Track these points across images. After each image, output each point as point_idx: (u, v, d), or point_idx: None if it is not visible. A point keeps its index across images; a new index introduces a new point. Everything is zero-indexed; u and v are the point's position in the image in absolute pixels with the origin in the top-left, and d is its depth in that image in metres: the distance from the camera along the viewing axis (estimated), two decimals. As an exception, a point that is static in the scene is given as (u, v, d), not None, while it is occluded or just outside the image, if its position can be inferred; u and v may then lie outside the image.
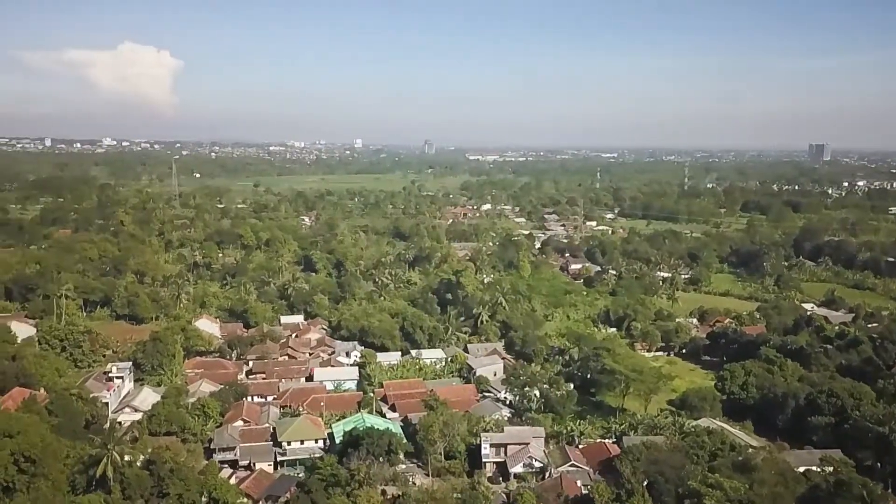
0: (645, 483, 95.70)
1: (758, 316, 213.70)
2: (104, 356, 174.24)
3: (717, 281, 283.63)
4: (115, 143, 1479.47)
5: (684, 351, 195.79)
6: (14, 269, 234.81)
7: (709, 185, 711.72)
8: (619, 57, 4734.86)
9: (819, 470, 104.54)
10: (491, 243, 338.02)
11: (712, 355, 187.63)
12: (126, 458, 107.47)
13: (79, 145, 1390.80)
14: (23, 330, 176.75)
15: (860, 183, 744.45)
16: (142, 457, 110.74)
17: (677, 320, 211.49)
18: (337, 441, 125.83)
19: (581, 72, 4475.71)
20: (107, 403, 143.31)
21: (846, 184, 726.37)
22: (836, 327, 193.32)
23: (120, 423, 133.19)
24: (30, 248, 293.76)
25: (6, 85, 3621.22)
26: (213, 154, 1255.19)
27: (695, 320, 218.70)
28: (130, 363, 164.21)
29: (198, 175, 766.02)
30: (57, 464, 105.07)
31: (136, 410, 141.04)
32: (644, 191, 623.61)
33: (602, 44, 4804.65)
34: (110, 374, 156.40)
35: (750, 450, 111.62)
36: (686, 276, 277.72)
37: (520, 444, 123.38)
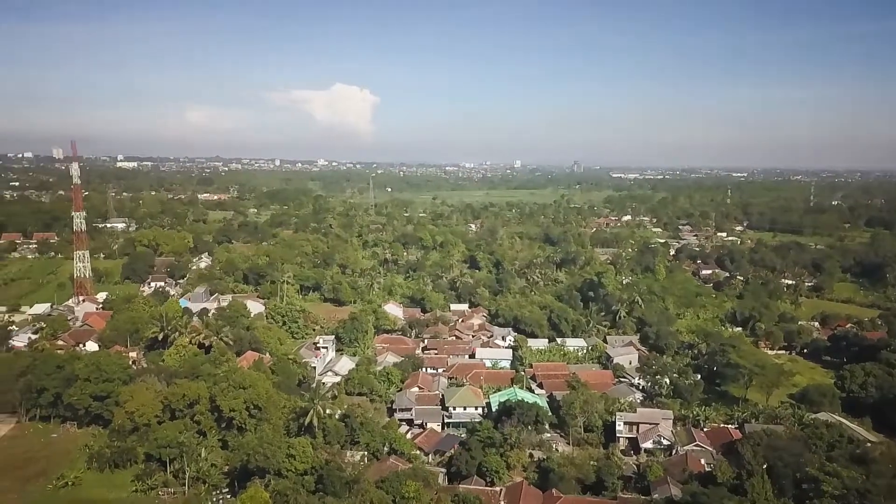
0: (764, 466, 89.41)
1: (879, 322, 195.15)
2: (314, 330, 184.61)
3: (840, 289, 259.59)
4: (326, 163, 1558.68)
5: (805, 351, 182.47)
6: (250, 260, 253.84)
7: (834, 203, 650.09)
8: (751, 88, 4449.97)
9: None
10: (630, 249, 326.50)
11: (833, 356, 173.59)
12: (327, 411, 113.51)
13: (300, 165, 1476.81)
14: (255, 307, 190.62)
15: None
16: (339, 411, 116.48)
17: (800, 323, 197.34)
18: (493, 409, 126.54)
19: (716, 101, 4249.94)
20: (314, 367, 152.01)
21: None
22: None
23: (324, 383, 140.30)
24: (262, 244, 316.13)
25: (250, 118, 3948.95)
26: (401, 172, 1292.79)
27: (816, 324, 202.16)
28: (333, 336, 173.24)
29: (389, 189, 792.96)
30: (277, 412, 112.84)
31: (336, 374, 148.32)
32: (771, 206, 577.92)
33: (735, 76, 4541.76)
34: (318, 345, 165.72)
35: (868, 444, 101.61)
36: (809, 284, 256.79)
37: (650, 423, 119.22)
